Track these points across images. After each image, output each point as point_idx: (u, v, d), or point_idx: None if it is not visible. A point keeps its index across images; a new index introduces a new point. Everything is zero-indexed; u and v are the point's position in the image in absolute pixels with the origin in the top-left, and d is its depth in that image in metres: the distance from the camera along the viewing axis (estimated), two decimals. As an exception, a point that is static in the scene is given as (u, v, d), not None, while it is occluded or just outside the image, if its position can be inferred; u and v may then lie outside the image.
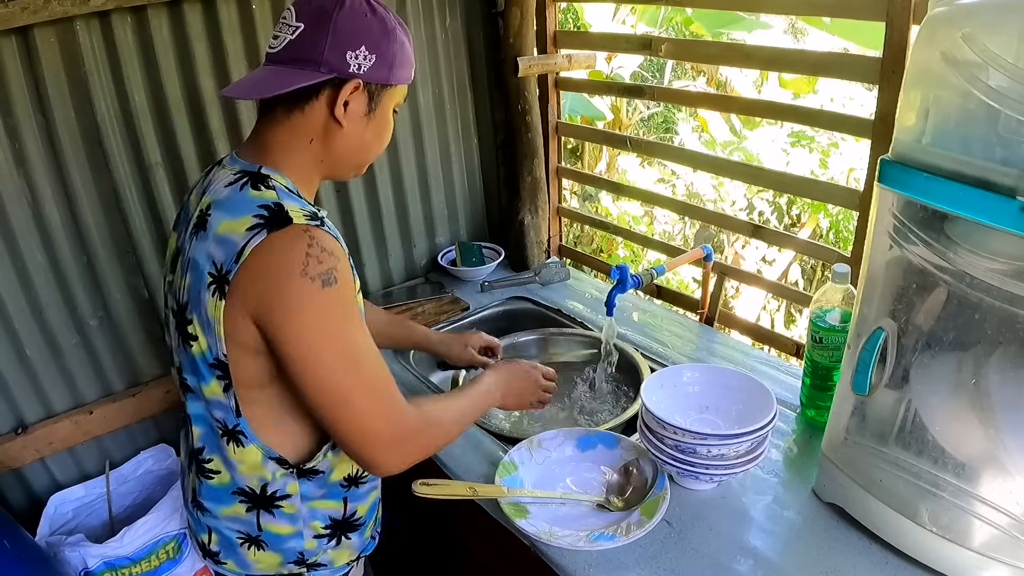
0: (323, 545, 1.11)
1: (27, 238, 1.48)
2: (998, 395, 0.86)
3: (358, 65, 0.94)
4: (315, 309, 0.88)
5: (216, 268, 0.89)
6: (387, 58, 0.97)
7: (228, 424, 0.99)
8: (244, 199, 0.92)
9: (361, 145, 1.02)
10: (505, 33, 1.91)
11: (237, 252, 0.87)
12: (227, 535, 1.08)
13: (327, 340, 0.90)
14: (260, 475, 1.02)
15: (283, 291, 0.87)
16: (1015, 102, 0.75)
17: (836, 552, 1.06)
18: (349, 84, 0.95)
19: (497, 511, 1.19)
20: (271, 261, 0.87)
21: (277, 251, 0.87)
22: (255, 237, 0.87)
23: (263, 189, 0.93)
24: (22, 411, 1.59)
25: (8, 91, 1.37)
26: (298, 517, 1.06)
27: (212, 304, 0.90)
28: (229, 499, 1.05)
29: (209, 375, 0.96)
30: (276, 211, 0.89)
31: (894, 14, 1.24)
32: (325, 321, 0.90)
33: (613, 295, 1.51)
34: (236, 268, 0.87)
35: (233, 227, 0.89)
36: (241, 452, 1.00)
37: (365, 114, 0.99)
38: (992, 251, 0.82)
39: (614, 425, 1.38)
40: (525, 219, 2.08)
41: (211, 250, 0.90)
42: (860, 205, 1.43)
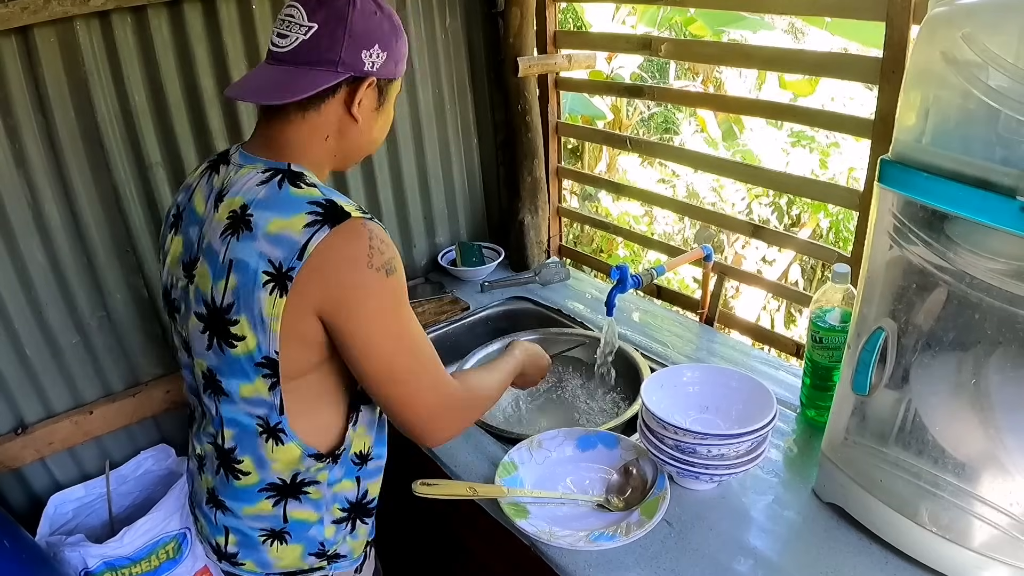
0: (341, 532, 1.13)
1: (27, 238, 1.48)
2: (998, 395, 0.86)
3: (372, 63, 0.97)
4: (381, 297, 0.94)
5: (275, 267, 0.90)
6: (395, 54, 1.00)
7: (271, 422, 1.00)
8: (289, 197, 0.93)
9: (370, 138, 1.06)
10: (505, 33, 1.91)
11: (299, 249, 0.89)
12: (248, 534, 1.08)
13: (391, 325, 0.96)
14: (295, 468, 1.04)
15: (353, 282, 0.91)
16: (1015, 102, 0.75)
17: (836, 552, 1.06)
18: (365, 82, 0.98)
19: (497, 511, 1.19)
20: (337, 255, 0.90)
21: (342, 245, 0.90)
22: (317, 233, 0.89)
23: (303, 186, 0.95)
24: (22, 411, 1.58)
25: (8, 91, 1.37)
26: (322, 503, 1.08)
27: (270, 302, 0.91)
28: (255, 497, 1.06)
29: (255, 374, 0.97)
30: (330, 207, 0.92)
31: (894, 14, 1.24)
32: (389, 308, 0.95)
33: (613, 295, 1.51)
34: (300, 265, 0.89)
35: (287, 225, 0.91)
36: (279, 450, 1.02)
37: (375, 109, 1.03)
38: (992, 251, 0.82)
39: (614, 425, 1.38)
40: (525, 219, 2.08)
41: (264, 249, 0.91)
42: (860, 205, 1.43)
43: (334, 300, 0.92)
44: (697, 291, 1.99)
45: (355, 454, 1.11)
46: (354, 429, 1.08)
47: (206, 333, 0.99)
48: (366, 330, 0.94)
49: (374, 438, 1.14)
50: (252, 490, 1.05)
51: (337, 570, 1.14)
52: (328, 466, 1.06)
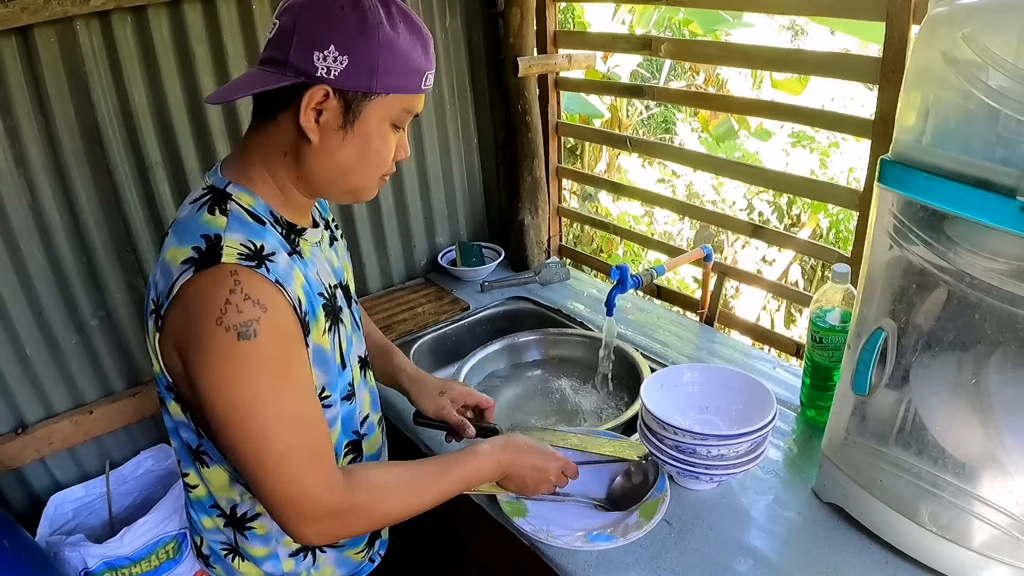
0: (301, 564, 1.05)
1: (27, 238, 1.48)
2: (998, 395, 0.86)
3: (327, 68, 0.81)
4: (224, 363, 0.79)
5: (156, 297, 0.85)
6: (365, 60, 0.82)
7: (192, 444, 0.96)
8: (194, 225, 0.85)
9: (339, 165, 0.88)
10: (505, 33, 1.91)
11: (169, 287, 0.81)
12: (212, 545, 1.06)
13: (235, 398, 0.80)
14: (228, 496, 0.99)
15: (198, 336, 0.79)
16: (1015, 102, 0.75)
17: (836, 552, 1.06)
18: (315, 90, 0.82)
19: (496, 510, 1.19)
20: (192, 303, 0.80)
21: (198, 292, 0.79)
22: (184, 273, 0.80)
23: (217, 214, 0.85)
24: (22, 411, 1.58)
25: (8, 91, 1.37)
26: (270, 536, 1.02)
27: (152, 333, 0.86)
28: (209, 511, 1.03)
29: (168, 396, 0.93)
30: (212, 245, 0.81)
31: (894, 14, 1.24)
32: (234, 377, 0.80)
33: (613, 295, 1.51)
34: (167, 303, 0.82)
35: (175, 255, 0.83)
36: (207, 472, 0.98)
37: (340, 127, 0.85)
38: (992, 251, 0.82)
39: (614, 425, 1.38)
40: (525, 219, 2.08)
41: (157, 275, 0.86)
42: (860, 205, 1.43)
43: (183, 347, 0.82)
44: (697, 291, 1.99)
45: None
46: None
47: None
48: (213, 394, 0.80)
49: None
50: (204, 504, 1.02)
51: None
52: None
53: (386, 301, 1.98)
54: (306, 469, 0.85)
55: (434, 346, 1.80)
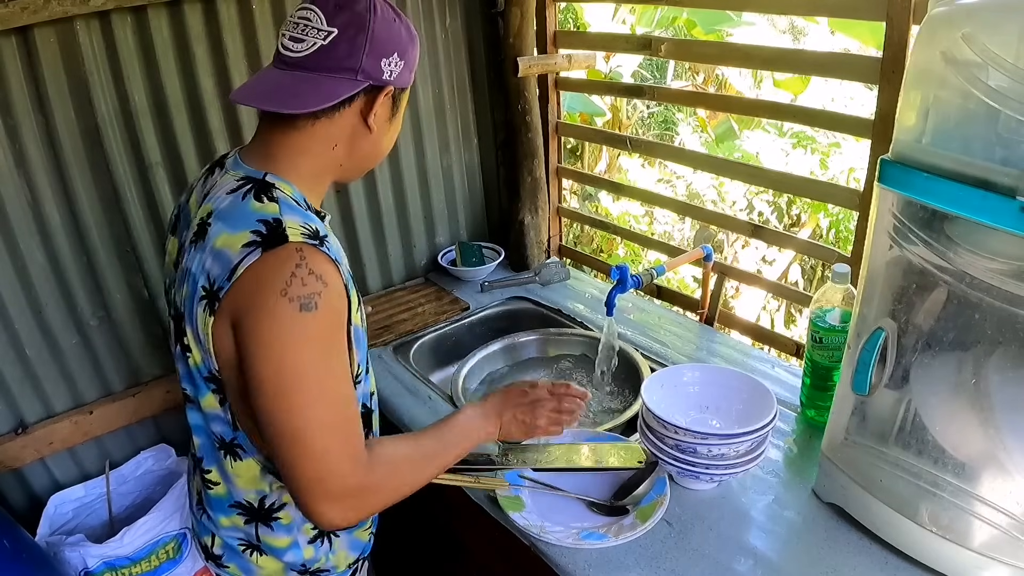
0: (320, 550, 1.09)
1: (27, 238, 1.48)
2: (998, 395, 0.86)
3: (391, 72, 0.93)
4: (285, 332, 0.83)
5: (209, 283, 0.87)
6: (411, 63, 0.97)
7: (226, 438, 0.98)
8: (245, 211, 0.89)
9: (381, 146, 1.02)
10: (505, 33, 1.91)
11: (231, 269, 0.84)
12: (229, 542, 1.08)
13: (288, 368, 0.84)
14: (258, 488, 1.01)
15: (259, 307, 0.83)
16: (1015, 102, 0.75)
17: (836, 552, 1.06)
18: (384, 91, 0.94)
19: (495, 508, 1.19)
20: (259, 279, 0.84)
21: (265, 269, 0.84)
22: (250, 256, 0.84)
23: (266, 201, 0.90)
24: (22, 411, 1.58)
25: (8, 91, 1.37)
26: (293, 526, 1.05)
27: (203, 320, 0.88)
28: (228, 511, 1.05)
29: (205, 388, 0.95)
30: (274, 228, 0.86)
31: (894, 14, 1.24)
32: (292, 347, 0.84)
33: (613, 295, 1.51)
34: (228, 286, 0.84)
35: (230, 241, 0.86)
36: (238, 466, 1.00)
37: (388, 119, 0.99)
38: (992, 251, 0.82)
39: (614, 425, 1.38)
40: (525, 219, 2.08)
41: (207, 263, 0.88)
42: (860, 205, 1.43)
43: (240, 320, 0.85)
44: (697, 291, 1.99)
45: None
46: None
47: (175, 339, 0.98)
48: (266, 365, 0.84)
49: None
50: (224, 503, 1.04)
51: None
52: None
53: (386, 301, 1.98)
54: (338, 447, 0.88)
55: (434, 346, 1.80)
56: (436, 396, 1.53)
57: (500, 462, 1.24)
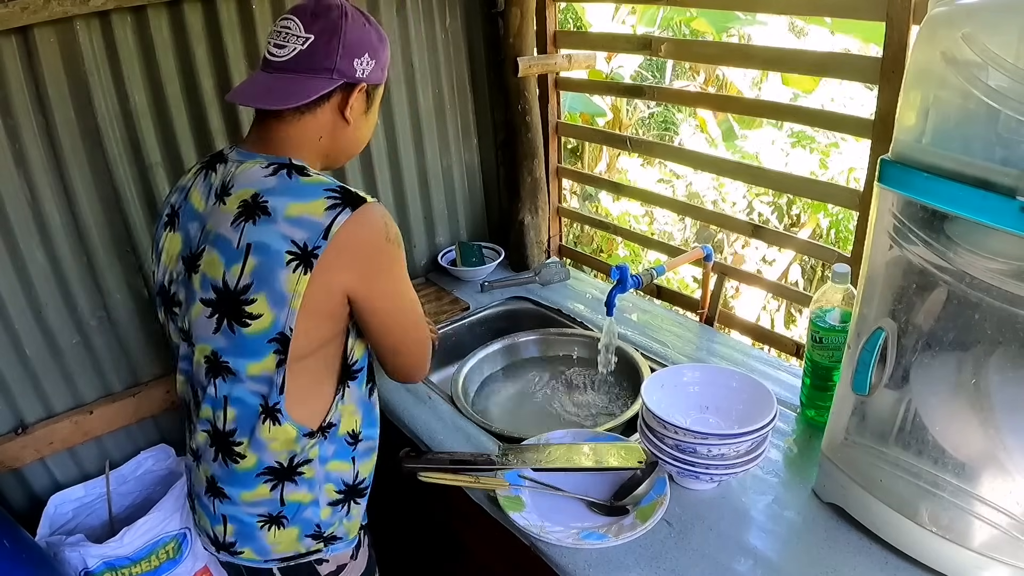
0: (337, 514, 1.17)
1: (27, 238, 1.48)
2: (998, 395, 0.86)
3: (363, 71, 1.06)
4: (398, 266, 1.08)
5: (299, 247, 0.97)
6: (381, 62, 1.10)
7: (271, 401, 1.05)
8: (302, 185, 1.01)
9: (359, 137, 1.16)
10: (505, 33, 1.91)
11: (324, 229, 0.97)
12: (246, 521, 1.12)
13: (406, 288, 1.12)
14: (290, 449, 1.09)
15: (381, 256, 1.04)
16: (1015, 102, 0.75)
17: (836, 552, 1.06)
18: (357, 88, 1.07)
19: (495, 509, 1.19)
20: (362, 234, 1.00)
21: (364, 226, 1.00)
22: (340, 215, 0.98)
23: (311, 175, 1.04)
24: (22, 411, 1.58)
25: (8, 91, 1.37)
26: (315, 481, 1.12)
27: (292, 279, 0.98)
28: (253, 483, 1.10)
29: (266, 351, 1.02)
30: (345, 192, 1.01)
31: (894, 14, 1.24)
32: (401, 272, 1.10)
33: (613, 295, 1.51)
34: (326, 244, 0.97)
35: (307, 208, 0.98)
36: (276, 430, 1.07)
37: (364, 112, 1.13)
38: (992, 251, 0.82)
39: (614, 425, 1.38)
40: (525, 219, 2.08)
41: (285, 231, 0.98)
42: (860, 205, 1.43)
43: (366, 273, 1.03)
44: (697, 291, 1.99)
45: (347, 433, 1.15)
46: (342, 402, 1.13)
47: (214, 317, 1.03)
48: (397, 290, 1.09)
49: (363, 417, 1.18)
50: (250, 475, 1.09)
51: (334, 552, 1.18)
52: (319, 442, 1.11)
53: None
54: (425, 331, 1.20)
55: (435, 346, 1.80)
56: (436, 396, 1.53)
57: (500, 462, 1.24)
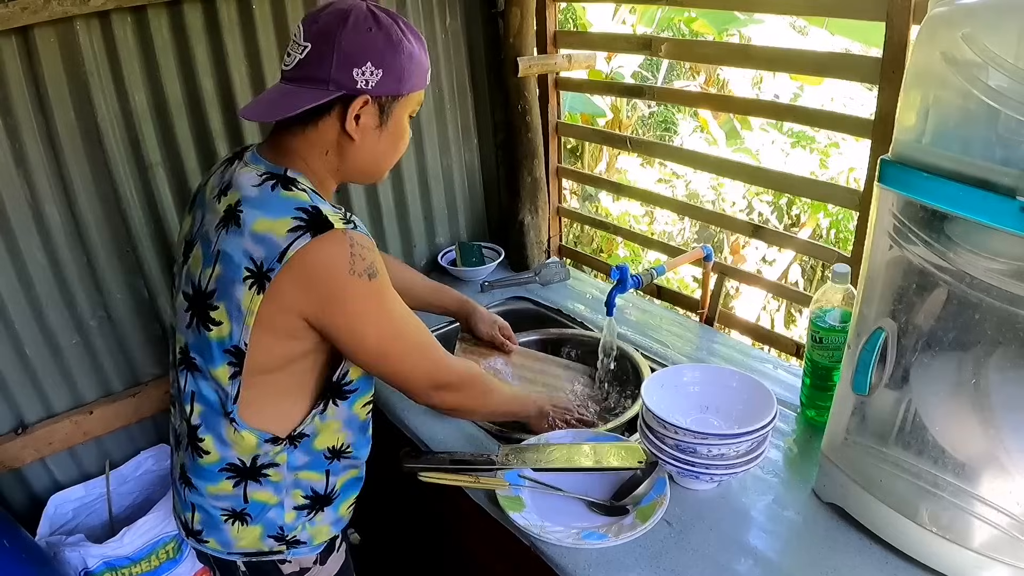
0: (301, 518, 1.14)
1: (27, 238, 1.48)
2: (998, 395, 0.86)
3: (365, 81, 0.98)
4: (365, 299, 1.00)
5: (255, 264, 0.95)
6: (395, 71, 1.00)
7: (227, 408, 1.04)
8: (278, 199, 0.97)
9: (376, 156, 1.07)
10: (505, 33, 1.91)
11: (280, 252, 0.93)
12: (211, 512, 1.12)
13: (376, 320, 1.03)
14: (253, 452, 1.08)
15: (337, 289, 0.97)
16: (1015, 102, 0.75)
17: (836, 552, 1.06)
18: (357, 100, 0.99)
19: (495, 508, 1.19)
20: (319, 263, 0.95)
21: (324, 254, 0.94)
22: (299, 240, 0.93)
23: (295, 190, 0.99)
24: (22, 411, 1.58)
25: (8, 91, 1.37)
26: (282, 486, 1.11)
27: (248, 296, 0.95)
28: (216, 477, 1.09)
29: (221, 360, 1.01)
30: (315, 215, 0.95)
31: (894, 14, 1.24)
32: (373, 307, 1.02)
33: (613, 295, 1.51)
34: (279, 267, 0.93)
35: (272, 227, 0.94)
36: (236, 435, 1.06)
37: (377, 127, 1.04)
38: (992, 251, 0.82)
39: (614, 426, 1.38)
40: (525, 219, 2.08)
41: (248, 246, 0.95)
42: (860, 205, 1.43)
43: (319, 304, 0.97)
44: (697, 291, 1.99)
45: (327, 448, 1.14)
46: (322, 419, 1.10)
47: (188, 312, 1.04)
48: (353, 327, 1.01)
49: (352, 437, 1.17)
50: (213, 469, 1.09)
51: (296, 555, 1.17)
52: (286, 448, 1.09)
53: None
54: (435, 349, 1.14)
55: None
56: (436, 396, 1.53)
57: (500, 462, 1.24)
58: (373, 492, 1.43)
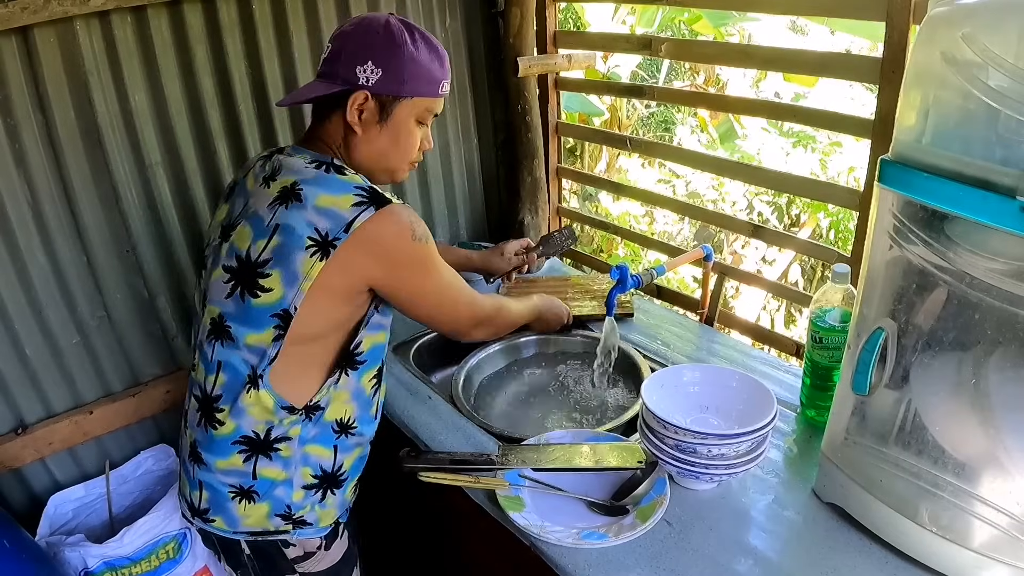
0: (310, 498, 1.18)
1: (27, 238, 1.48)
2: (998, 395, 0.86)
3: (366, 78, 1.09)
4: (425, 261, 1.13)
5: (320, 235, 1.04)
6: (396, 72, 1.10)
7: (258, 369, 1.09)
8: (336, 180, 1.08)
9: (378, 151, 1.17)
10: (505, 33, 1.91)
11: (347, 223, 1.04)
12: (219, 489, 1.14)
13: (431, 278, 1.16)
14: (268, 420, 1.12)
15: (403, 254, 1.09)
16: (1015, 102, 0.75)
17: (836, 552, 1.06)
18: (358, 94, 1.10)
19: (495, 508, 1.19)
20: (387, 231, 1.07)
21: (391, 222, 1.07)
22: (364, 212, 1.04)
23: (348, 174, 1.10)
24: (22, 411, 1.58)
25: (8, 91, 1.37)
26: (291, 461, 1.15)
27: (308, 263, 1.04)
28: (228, 450, 1.13)
29: (268, 324, 1.07)
30: (373, 192, 1.07)
31: (894, 14, 1.24)
32: (429, 267, 1.15)
33: (613, 295, 1.51)
34: (345, 237, 1.04)
35: (335, 202, 1.05)
36: (255, 395, 1.10)
37: (377, 123, 1.13)
38: (992, 251, 0.82)
39: (614, 426, 1.38)
40: (525, 219, 2.08)
41: (311, 218, 1.04)
42: (860, 205, 1.43)
43: (388, 267, 1.09)
44: (697, 291, 1.99)
45: (335, 420, 1.17)
46: (335, 386, 1.15)
47: (230, 283, 1.10)
48: (416, 284, 1.15)
49: (358, 411, 1.20)
50: (226, 442, 1.12)
51: (301, 536, 1.20)
52: (301, 420, 1.14)
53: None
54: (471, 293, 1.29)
55: (435, 345, 1.80)
56: (436, 396, 1.53)
57: (500, 462, 1.24)
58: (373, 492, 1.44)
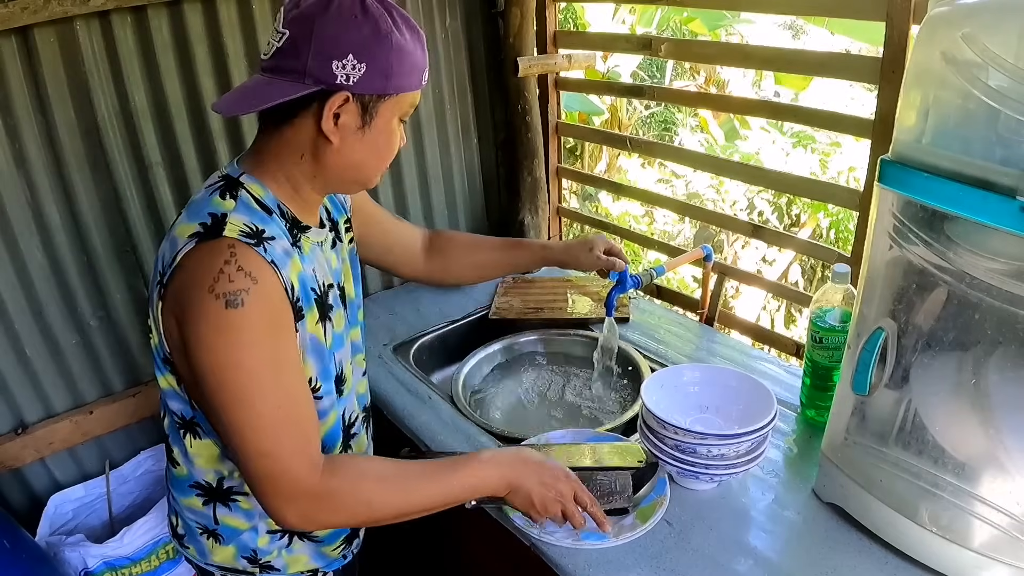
0: (276, 543, 1.07)
1: (27, 238, 1.48)
2: (998, 395, 0.86)
3: (346, 75, 0.85)
4: (212, 329, 0.83)
5: (161, 267, 0.89)
6: (381, 66, 0.87)
7: (186, 416, 0.98)
8: (204, 205, 0.89)
9: (356, 162, 0.94)
10: (505, 33, 1.91)
11: (174, 256, 0.86)
12: (189, 523, 1.09)
13: (221, 363, 0.84)
14: (216, 469, 1.01)
15: (192, 303, 0.83)
16: (1015, 102, 0.75)
17: (836, 552, 1.06)
18: (336, 97, 0.86)
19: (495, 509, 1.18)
20: (188, 268, 0.84)
21: (196, 262, 0.84)
22: (188, 244, 0.85)
23: (227, 198, 0.89)
24: (22, 411, 1.58)
25: (8, 91, 1.37)
26: (254, 512, 1.04)
27: (156, 303, 0.89)
28: (188, 491, 1.05)
29: (164, 368, 0.95)
30: (217, 221, 0.86)
31: (894, 14, 1.24)
32: (220, 343, 0.83)
33: (613, 295, 1.51)
34: (170, 272, 0.86)
35: (183, 230, 0.87)
36: (198, 445, 1.00)
37: (359, 128, 0.90)
38: (992, 251, 0.82)
39: (614, 426, 1.38)
40: (525, 219, 2.08)
41: (164, 250, 0.90)
42: (860, 205, 1.43)
43: (179, 314, 0.86)
44: (697, 291, 1.99)
45: None
46: None
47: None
48: (196, 358, 0.85)
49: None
50: (184, 483, 1.05)
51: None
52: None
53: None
54: (286, 445, 0.87)
55: (434, 345, 1.80)
56: (436, 396, 1.53)
57: None
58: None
